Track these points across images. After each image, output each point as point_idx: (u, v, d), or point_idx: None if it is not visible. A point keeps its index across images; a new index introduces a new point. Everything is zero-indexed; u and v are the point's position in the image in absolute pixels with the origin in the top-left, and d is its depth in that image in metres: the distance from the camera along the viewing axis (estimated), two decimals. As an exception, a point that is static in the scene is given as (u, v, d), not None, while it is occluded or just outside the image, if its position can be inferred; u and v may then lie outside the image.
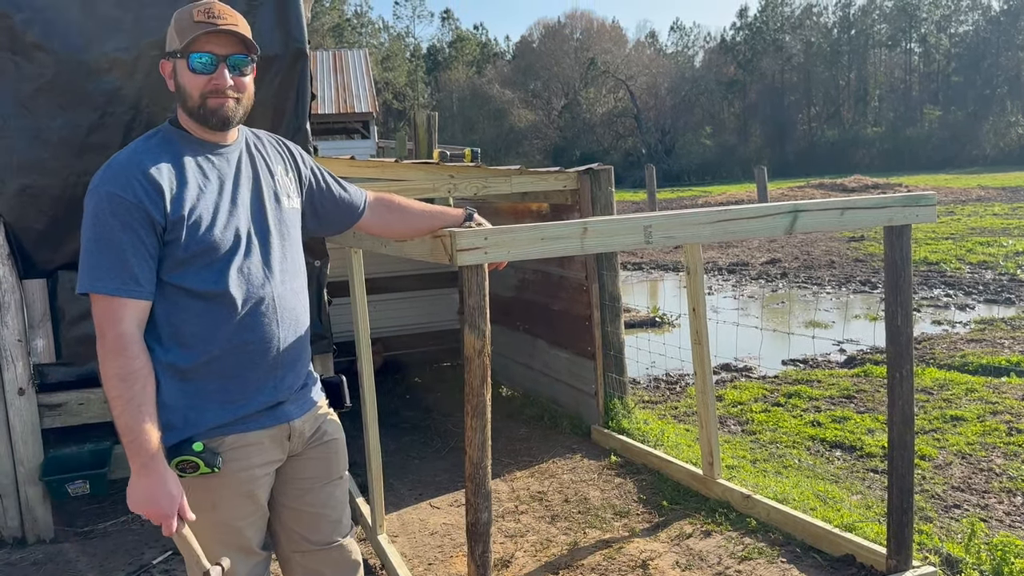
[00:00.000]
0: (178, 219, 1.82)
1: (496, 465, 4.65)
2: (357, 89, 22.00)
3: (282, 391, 2.02)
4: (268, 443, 2.00)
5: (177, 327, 1.87)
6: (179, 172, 1.86)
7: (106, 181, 1.80)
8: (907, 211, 2.68)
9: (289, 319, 2.00)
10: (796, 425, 5.12)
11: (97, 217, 1.78)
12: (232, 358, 1.91)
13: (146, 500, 1.79)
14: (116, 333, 1.77)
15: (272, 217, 2.00)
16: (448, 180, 4.66)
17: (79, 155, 3.75)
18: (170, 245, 1.83)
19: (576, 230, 2.36)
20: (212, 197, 1.90)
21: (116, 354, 1.76)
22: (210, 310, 1.87)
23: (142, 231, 1.78)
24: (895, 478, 2.85)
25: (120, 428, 1.79)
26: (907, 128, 49.67)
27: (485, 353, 2.34)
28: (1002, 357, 6.49)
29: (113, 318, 1.77)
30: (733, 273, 12.83)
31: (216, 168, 1.94)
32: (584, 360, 5.14)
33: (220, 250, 1.88)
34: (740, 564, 3.25)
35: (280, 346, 1.98)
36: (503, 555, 3.52)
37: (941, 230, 15.37)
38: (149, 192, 1.79)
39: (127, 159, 1.84)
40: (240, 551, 2.00)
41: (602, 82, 55.78)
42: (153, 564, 3.55)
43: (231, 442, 1.93)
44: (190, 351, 1.88)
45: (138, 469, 1.79)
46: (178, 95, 1.92)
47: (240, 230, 1.92)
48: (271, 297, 1.96)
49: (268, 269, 1.97)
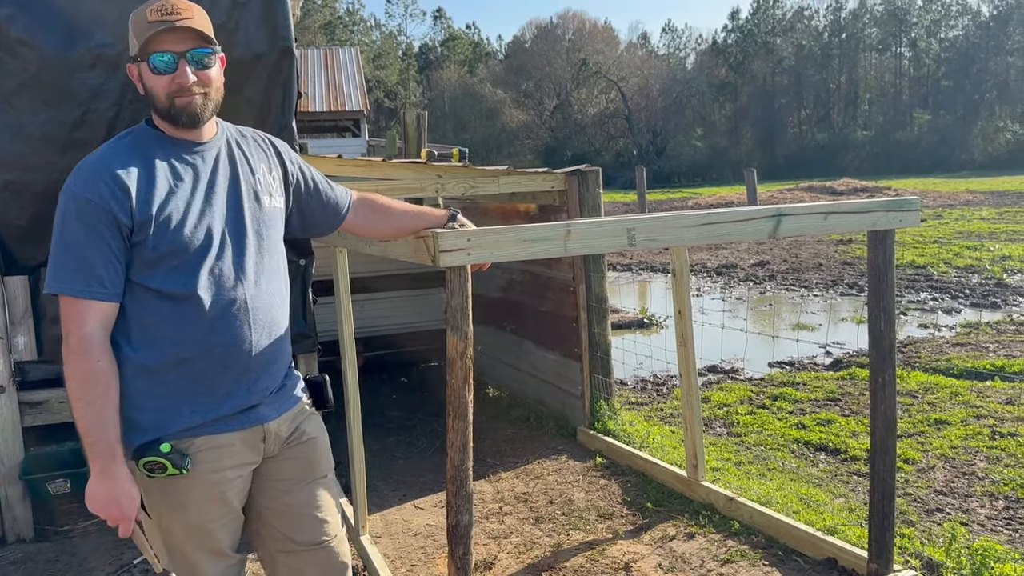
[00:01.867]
0: (145, 220, 1.80)
1: (481, 466, 4.64)
2: (348, 87, 21.94)
3: (255, 394, 1.99)
4: (240, 445, 1.97)
5: (147, 328, 1.86)
6: (148, 172, 1.84)
7: (75, 182, 1.81)
8: (890, 215, 2.69)
9: (263, 321, 1.97)
10: (781, 427, 5.13)
11: (64, 219, 1.79)
12: (202, 361, 1.89)
13: (105, 502, 1.80)
14: (79, 335, 1.77)
15: (249, 216, 1.97)
16: (436, 180, 4.65)
17: (62, 151, 3.71)
18: (138, 246, 1.81)
19: (559, 232, 2.35)
20: (184, 197, 1.87)
21: (79, 356, 1.77)
22: (179, 312, 1.85)
23: (107, 233, 1.77)
24: (877, 482, 2.85)
25: (80, 429, 1.79)
26: (896, 132, 49.95)
27: (467, 354, 2.33)
28: (987, 361, 6.53)
29: (77, 319, 1.77)
30: (721, 275, 12.86)
31: (191, 167, 1.92)
32: (570, 361, 5.13)
33: (189, 251, 1.85)
34: (722, 567, 3.25)
35: (253, 349, 1.95)
36: (486, 556, 3.51)
37: (929, 234, 15.45)
38: (116, 193, 1.78)
39: (97, 160, 1.84)
40: (211, 553, 1.99)
41: (594, 83, 55.87)
42: (133, 564, 3.52)
43: (201, 444, 1.91)
44: (160, 352, 1.86)
45: (98, 471, 1.79)
46: (148, 98, 1.90)
47: (213, 230, 1.89)
48: (243, 299, 1.93)
49: (241, 270, 1.94)
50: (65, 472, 3.77)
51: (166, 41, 1.85)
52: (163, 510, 1.91)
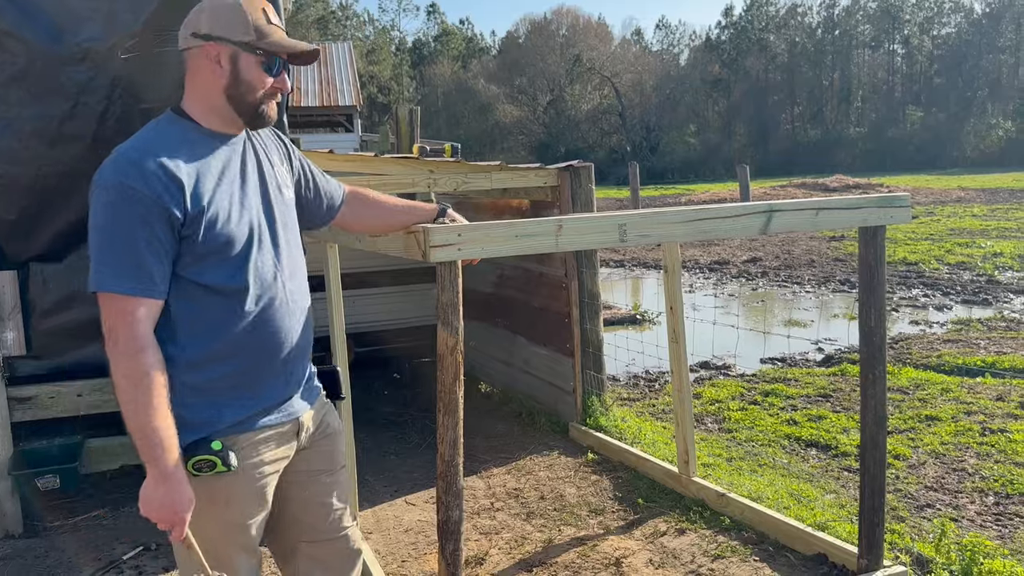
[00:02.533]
0: (197, 213, 1.76)
1: (473, 462, 4.64)
2: (341, 82, 21.88)
3: (292, 385, 2.00)
4: (278, 440, 1.97)
5: (192, 323, 1.81)
6: (196, 164, 1.80)
7: (119, 173, 1.71)
8: (881, 212, 2.69)
9: (298, 311, 1.98)
10: (772, 423, 5.14)
11: (112, 212, 1.70)
12: (248, 354, 1.87)
13: (162, 506, 1.73)
14: (131, 335, 1.70)
15: (276, 208, 1.96)
16: (428, 175, 4.64)
17: (51, 145, 3.70)
18: (187, 240, 1.76)
19: (550, 228, 2.35)
20: (227, 190, 1.85)
21: (130, 356, 1.69)
22: (226, 306, 1.83)
23: (159, 227, 1.71)
24: (867, 478, 2.86)
25: (134, 432, 1.71)
26: (889, 129, 50.07)
27: (458, 350, 2.32)
28: (977, 358, 6.55)
29: (127, 319, 1.70)
30: (714, 271, 12.88)
31: (226, 159, 1.88)
32: (563, 357, 5.13)
33: (237, 245, 1.83)
34: (713, 562, 3.25)
35: (293, 341, 1.96)
36: (477, 552, 3.51)
37: (921, 231, 15.50)
38: (168, 186, 1.72)
39: (143, 150, 1.75)
40: (245, 551, 1.97)
41: (587, 79, 55.85)
42: (123, 560, 3.51)
43: (244, 440, 1.89)
44: (206, 347, 1.83)
45: (156, 474, 1.72)
46: (233, 88, 1.84)
47: (252, 223, 1.88)
48: (283, 291, 1.93)
49: (278, 262, 1.93)
50: (54, 468, 3.75)
51: (286, 45, 1.86)
52: (201, 509, 1.83)
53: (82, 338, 3.84)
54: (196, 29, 1.84)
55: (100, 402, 3.83)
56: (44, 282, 3.80)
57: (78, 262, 3.78)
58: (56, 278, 3.80)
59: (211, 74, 1.84)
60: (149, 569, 3.44)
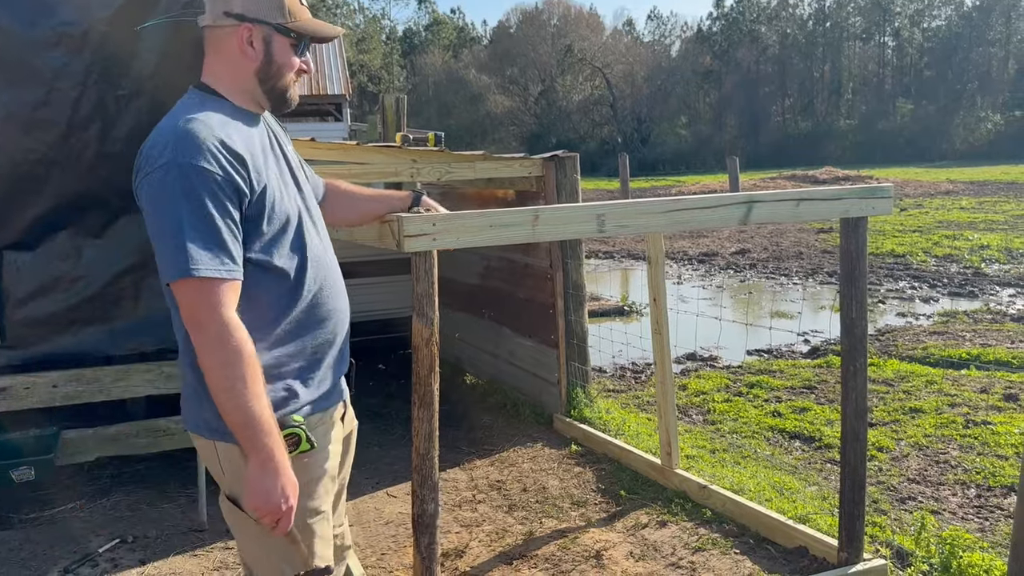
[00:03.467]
0: (261, 191, 1.72)
1: (456, 454, 4.61)
2: (330, 71, 21.73)
3: (344, 363, 1.99)
4: (336, 421, 1.95)
5: (260, 305, 1.75)
6: (247, 141, 1.74)
7: (183, 153, 1.62)
8: (863, 203, 2.67)
9: (342, 289, 1.97)
10: (757, 415, 5.13)
11: (183, 193, 1.60)
12: (312, 334, 1.84)
13: (272, 494, 1.65)
14: (221, 320, 1.62)
15: (305, 187, 1.95)
16: (411, 164, 4.59)
17: (26, 131, 3.63)
18: (252, 220, 1.71)
19: (527, 217, 2.32)
20: (274, 167, 1.80)
21: (223, 342, 1.62)
22: (287, 286, 1.80)
23: (231, 206, 1.65)
24: (847, 471, 2.84)
25: (237, 420, 1.63)
26: (879, 121, 50.12)
27: (433, 341, 2.29)
28: (963, 350, 6.56)
29: (213, 304, 1.62)
30: (702, 263, 12.88)
31: (262, 137, 1.84)
32: (547, 348, 5.10)
33: (292, 223, 1.80)
34: (693, 555, 3.24)
35: (344, 319, 1.95)
36: (458, 545, 3.49)
37: (909, 223, 15.53)
38: (232, 163, 1.66)
39: (196, 127, 1.66)
40: (327, 538, 1.90)
41: (579, 69, 55.69)
42: (99, 552, 3.47)
43: (315, 421, 1.85)
44: (271, 330, 1.77)
45: (263, 461, 1.64)
46: (263, 72, 1.80)
47: (297, 202, 1.85)
48: (333, 268, 1.93)
49: (324, 240, 1.93)
50: (29, 459, 3.69)
51: (317, 27, 1.84)
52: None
53: (57, 328, 3.79)
54: (228, 8, 1.77)
55: (75, 393, 3.78)
56: (18, 271, 3.74)
57: (53, 250, 3.73)
58: (30, 267, 3.74)
59: (242, 56, 1.78)
60: (125, 562, 3.40)
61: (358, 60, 52.52)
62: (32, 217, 3.71)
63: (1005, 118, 47.04)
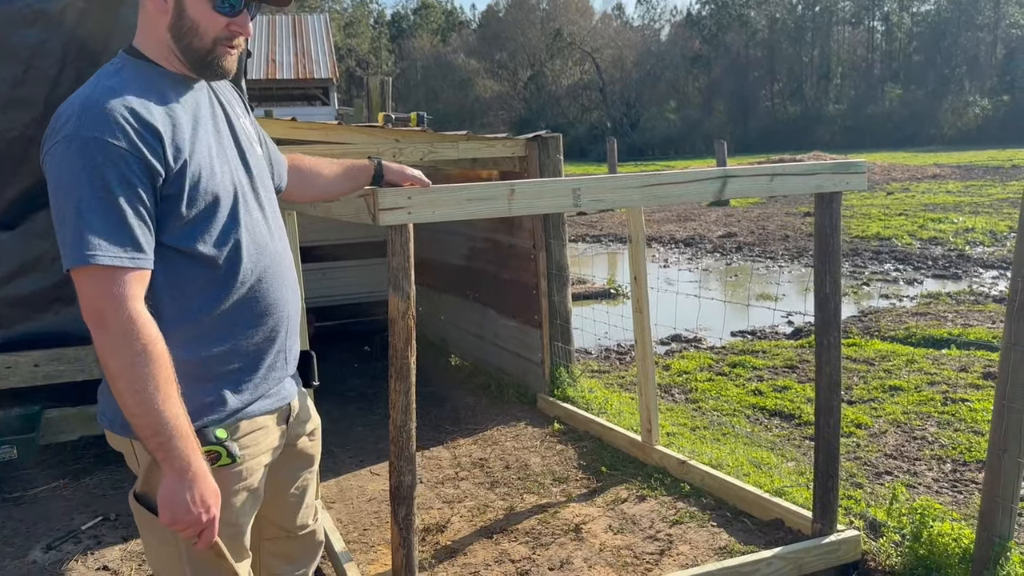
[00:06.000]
0: (180, 168, 1.52)
1: (439, 432, 4.64)
2: (317, 55, 21.61)
3: (290, 364, 1.81)
4: (272, 427, 1.77)
5: (181, 298, 1.58)
6: (168, 110, 1.55)
7: (87, 124, 1.44)
8: (836, 178, 2.69)
9: (290, 279, 1.78)
10: (738, 394, 5.18)
11: (83, 171, 1.43)
12: (246, 331, 1.67)
13: (192, 505, 1.49)
14: (126, 314, 1.44)
15: (253, 163, 1.73)
16: (393, 144, 4.59)
17: (3, 111, 3.61)
18: (169, 200, 1.52)
19: (503, 191, 2.33)
20: (205, 140, 1.60)
21: (128, 339, 1.43)
22: (216, 276, 1.61)
23: (141, 186, 1.46)
24: (821, 443, 2.88)
25: (145, 427, 1.46)
26: (868, 106, 50.20)
27: (409, 315, 2.31)
28: (944, 330, 6.63)
29: (117, 295, 1.43)
30: (689, 246, 12.92)
31: (195, 105, 1.64)
32: (531, 329, 5.13)
33: (223, 204, 1.60)
34: (671, 528, 3.28)
35: (288, 312, 1.76)
36: (439, 520, 3.52)
37: (895, 206, 15.60)
38: (144, 137, 1.47)
39: (107, 96, 1.48)
40: (241, 556, 1.74)
41: (568, 54, 55.52)
42: (82, 530, 3.49)
43: (244, 428, 1.68)
44: (198, 325, 1.60)
45: (178, 470, 1.48)
46: (175, 29, 1.59)
47: (235, 179, 1.65)
48: (276, 256, 1.72)
49: (267, 224, 1.72)
50: (12, 439, 3.70)
51: None
52: None
53: (38, 307, 3.79)
54: None
55: (57, 372, 3.78)
56: (-3, 251, 3.73)
57: (33, 229, 3.71)
58: (11, 246, 3.73)
59: (156, 10, 1.59)
60: (108, 539, 3.42)
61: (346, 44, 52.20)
62: (12, 196, 3.70)
63: (993, 103, 47.18)
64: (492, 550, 3.22)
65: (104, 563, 3.22)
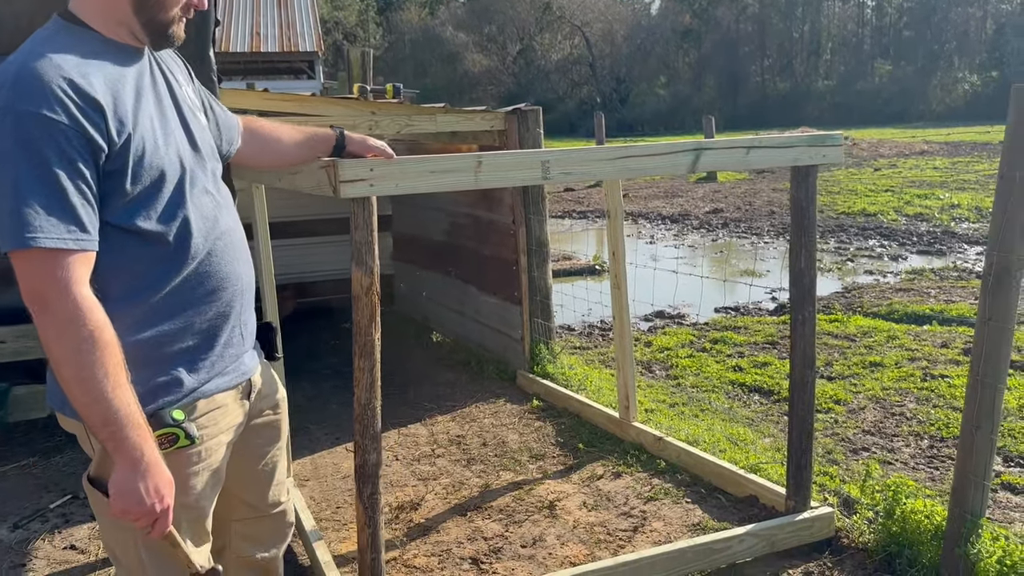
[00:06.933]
0: (125, 142, 1.46)
1: (418, 410, 4.61)
2: (302, 27, 21.31)
3: (247, 339, 1.77)
4: (232, 405, 1.74)
5: (129, 278, 1.53)
6: (110, 81, 1.48)
7: (22, 97, 1.36)
8: (813, 151, 2.64)
9: (243, 253, 1.74)
10: (718, 370, 5.16)
11: (20, 146, 1.36)
12: (199, 308, 1.62)
13: (144, 495, 1.45)
14: (70, 300, 1.38)
15: (197, 134, 1.68)
16: (369, 116, 4.50)
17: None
18: (113, 176, 1.45)
19: (470, 163, 2.27)
20: (148, 112, 1.54)
21: (74, 326, 1.37)
22: (167, 254, 1.56)
23: (82, 162, 1.39)
24: (795, 420, 2.86)
25: (94, 416, 1.41)
26: (858, 82, 50.05)
27: (373, 290, 2.26)
28: (926, 306, 6.62)
29: (61, 280, 1.37)
30: (676, 222, 12.87)
31: (138, 75, 1.56)
32: (511, 305, 5.09)
33: (169, 178, 1.54)
34: (645, 504, 3.26)
35: (242, 287, 1.72)
36: (414, 498, 3.49)
37: (881, 183, 15.58)
38: (85, 110, 1.40)
39: (41, 66, 1.40)
40: (202, 539, 1.72)
41: (557, 27, 55.04)
42: (50, 508, 3.44)
43: (202, 407, 1.65)
44: (148, 305, 1.55)
45: (129, 459, 1.43)
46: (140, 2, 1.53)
47: (181, 151, 1.60)
48: (227, 230, 1.68)
49: (215, 197, 1.67)
50: (-21, 416, 3.65)
51: None
52: None
53: (3, 284, 3.71)
54: None
55: (26, 348, 3.72)
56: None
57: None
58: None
59: None
60: (76, 517, 3.38)
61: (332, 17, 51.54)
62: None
63: (982, 79, 47.11)
64: (465, 527, 3.19)
65: (72, 542, 3.18)
